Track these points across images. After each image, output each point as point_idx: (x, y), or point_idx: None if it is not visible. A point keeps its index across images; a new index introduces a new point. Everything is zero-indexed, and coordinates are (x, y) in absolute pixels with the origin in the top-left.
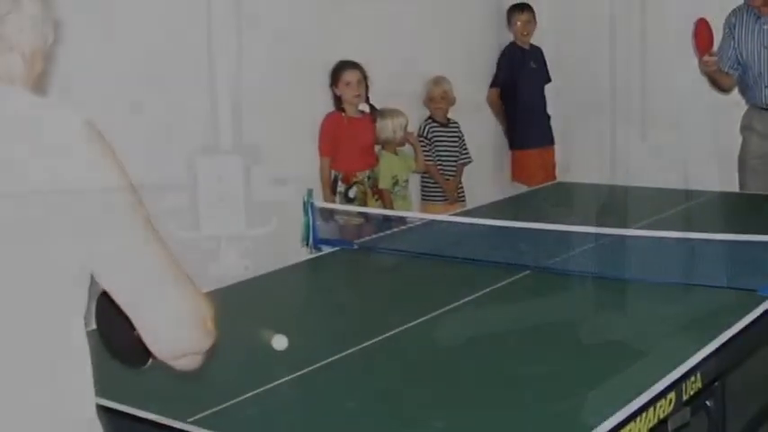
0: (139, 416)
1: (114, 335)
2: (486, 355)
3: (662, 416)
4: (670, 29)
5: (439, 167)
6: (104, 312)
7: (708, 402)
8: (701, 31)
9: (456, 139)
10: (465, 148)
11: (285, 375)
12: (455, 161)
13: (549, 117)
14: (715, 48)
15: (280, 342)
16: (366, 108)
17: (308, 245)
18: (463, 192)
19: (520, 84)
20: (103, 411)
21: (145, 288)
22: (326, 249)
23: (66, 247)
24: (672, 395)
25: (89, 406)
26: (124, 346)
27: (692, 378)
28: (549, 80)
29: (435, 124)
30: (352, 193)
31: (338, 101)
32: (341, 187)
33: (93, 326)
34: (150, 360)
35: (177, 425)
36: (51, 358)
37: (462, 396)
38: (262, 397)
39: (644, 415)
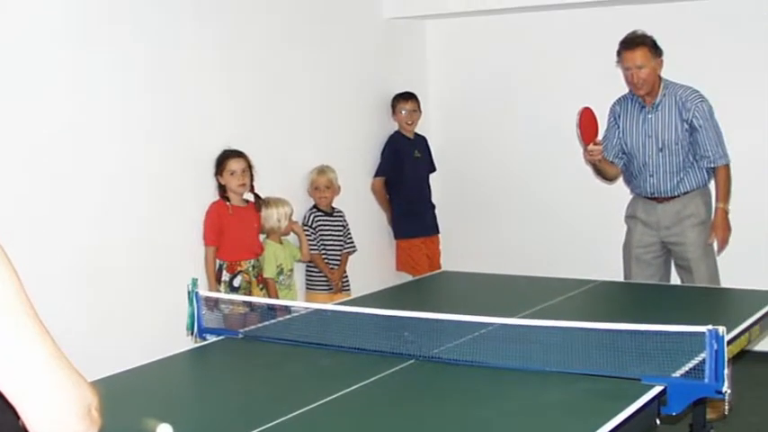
0: None
1: None
2: None
3: None
4: (555, 118)
5: (324, 257)
6: None
7: None
8: (586, 119)
9: (341, 228)
10: (350, 238)
11: None
12: (340, 250)
13: (433, 206)
14: (600, 137)
15: (165, 431)
16: (251, 197)
17: (192, 334)
18: (348, 281)
19: (404, 173)
20: None
21: (27, 376)
22: (211, 338)
23: None
24: None
25: None
26: None
27: None
28: (433, 169)
29: (320, 213)
30: (236, 282)
31: (223, 189)
32: (226, 276)
33: None
34: None
35: None
36: None
37: None
38: None
39: None
